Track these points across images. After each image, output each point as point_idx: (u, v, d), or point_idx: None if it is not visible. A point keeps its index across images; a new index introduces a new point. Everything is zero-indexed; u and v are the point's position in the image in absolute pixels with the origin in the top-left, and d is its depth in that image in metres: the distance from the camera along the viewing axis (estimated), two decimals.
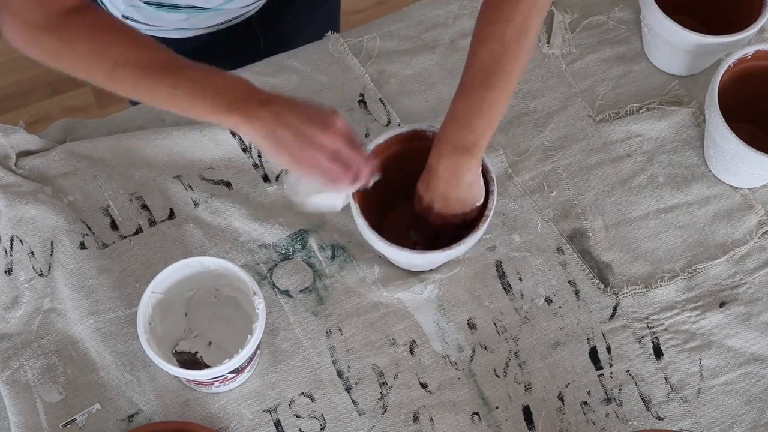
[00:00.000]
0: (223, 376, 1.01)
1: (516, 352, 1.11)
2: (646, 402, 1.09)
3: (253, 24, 1.31)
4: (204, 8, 1.20)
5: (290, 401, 1.08)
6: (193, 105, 0.94)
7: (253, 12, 1.29)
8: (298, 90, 1.24)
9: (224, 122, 0.94)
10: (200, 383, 1.03)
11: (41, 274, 1.12)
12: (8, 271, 1.12)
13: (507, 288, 1.14)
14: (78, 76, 0.98)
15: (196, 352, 1.08)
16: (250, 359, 1.03)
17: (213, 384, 1.03)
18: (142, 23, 1.25)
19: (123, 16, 1.25)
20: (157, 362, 0.98)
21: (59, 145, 1.19)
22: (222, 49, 1.28)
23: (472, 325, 1.12)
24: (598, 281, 1.15)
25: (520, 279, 1.14)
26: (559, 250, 1.16)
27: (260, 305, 1.00)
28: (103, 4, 1.28)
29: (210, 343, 1.09)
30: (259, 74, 1.25)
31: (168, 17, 1.23)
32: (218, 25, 1.27)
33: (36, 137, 1.19)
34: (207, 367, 1.02)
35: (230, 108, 0.93)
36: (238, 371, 1.02)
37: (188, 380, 1.04)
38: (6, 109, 2.16)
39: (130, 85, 0.96)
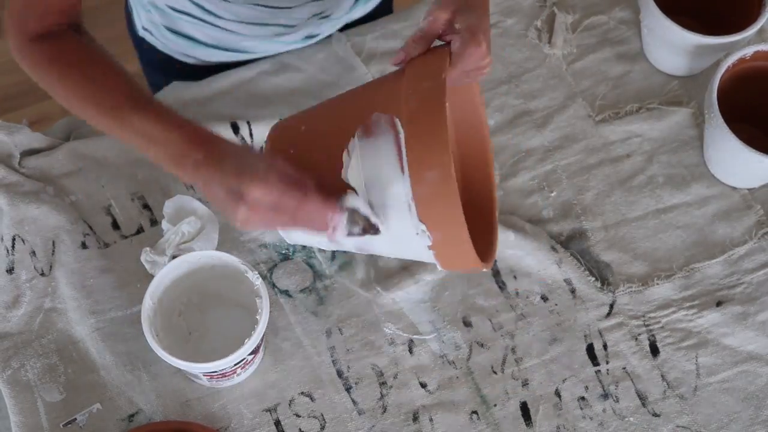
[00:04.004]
0: (244, 359, 1.01)
1: (513, 348, 1.12)
2: (643, 399, 1.10)
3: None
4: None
5: (290, 401, 1.08)
6: (141, 152, 0.93)
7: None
8: (301, 89, 1.24)
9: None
10: (224, 375, 1.03)
11: (42, 274, 1.12)
12: (10, 270, 1.12)
13: (501, 286, 1.14)
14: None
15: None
16: (256, 350, 1.03)
17: (235, 372, 1.04)
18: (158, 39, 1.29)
19: (143, 28, 1.30)
20: (164, 357, 0.98)
21: (63, 142, 1.20)
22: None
23: (467, 323, 1.12)
24: (594, 279, 1.15)
25: (515, 277, 1.15)
26: (554, 249, 1.16)
27: (258, 280, 1.01)
28: (129, 12, 1.33)
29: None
30: (263, 74, 1.25)
31: (183, 43, 1.27)
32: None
33: (40, 135, 1.20)
34: None
35: (170, 166, 0.90)
36: (245, 362, 1.03)
37: (204, 374, 1.03)
38: (7, 109, 2.16)
39: (86, 119, 0.97)
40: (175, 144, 0.88)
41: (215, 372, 1.02)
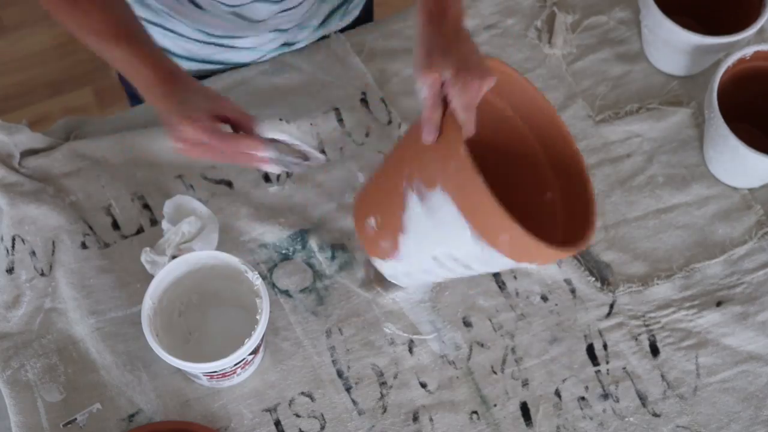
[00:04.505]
0: (244, 359, 1.01)
1: (512, 348, 1.12)
2: (643, 399, 1.10)
3: None
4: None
5: (290, 401, 1.08)
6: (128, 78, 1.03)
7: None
8: (301, 89, 1.24)
9: None
10: (224, 375, 1.03)
11: (42, 274, 1.12)
12: (10, 270, 1.12)
13: (501, 286, 1.14)
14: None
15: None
16: (256, 350, 1.03)
17: (235, 372, 1.04)
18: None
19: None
20: (164, 357, 0.98)
21: (63, 142, 1.20)
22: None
23: (467, 323, 1.12)
24: (593, 279, 1.15)
25: (515, 278, 1.15)
26: None
27: (258, 280, 1.01)
28: None
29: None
30: (264, 74, 1.26)
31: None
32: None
33: (40, 135, 1.20)
34: None
35: (143, 93, 1.01)
36: (245, 362, 1.03)
37: (204, 374, 1.03)
38: (7, 110, 2.17)
39: (95, 49, 1.04)
40: (146, 77, 0.99)
41: (215, 372, 1.02)
